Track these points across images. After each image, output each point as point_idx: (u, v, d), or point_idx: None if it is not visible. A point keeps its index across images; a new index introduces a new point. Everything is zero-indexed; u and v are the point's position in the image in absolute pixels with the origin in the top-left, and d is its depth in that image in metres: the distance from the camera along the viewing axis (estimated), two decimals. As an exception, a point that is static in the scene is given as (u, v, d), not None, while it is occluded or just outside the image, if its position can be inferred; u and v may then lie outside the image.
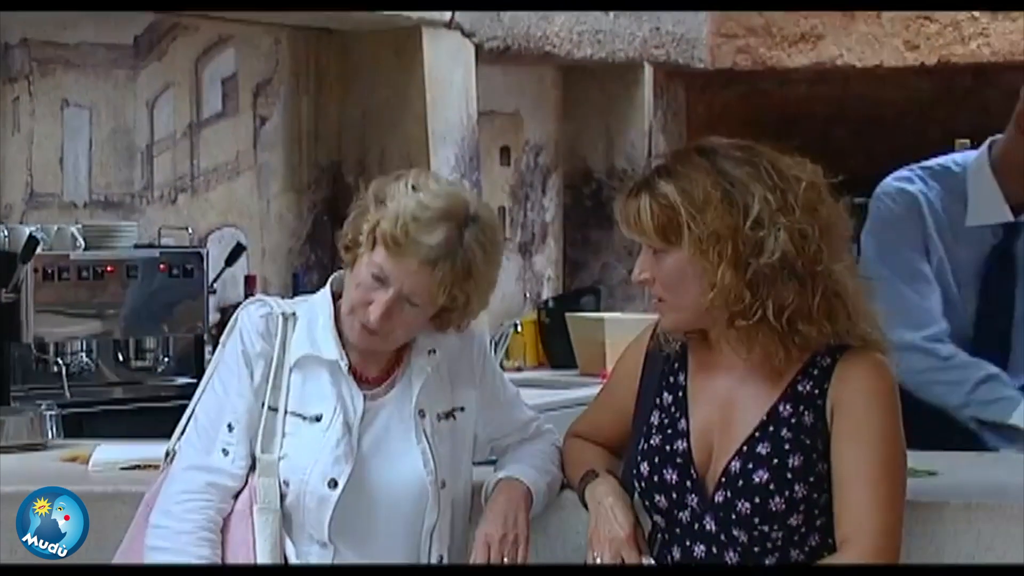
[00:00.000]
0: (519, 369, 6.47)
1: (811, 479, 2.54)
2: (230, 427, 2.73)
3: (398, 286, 2.67)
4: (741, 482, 2.56)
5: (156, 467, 2.97)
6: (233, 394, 2.74)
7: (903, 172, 3.74)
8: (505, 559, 2.72)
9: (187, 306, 4.95)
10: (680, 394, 2.67)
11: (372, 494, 2.72)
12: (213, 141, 5.72)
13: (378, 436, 2.75)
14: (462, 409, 2.82)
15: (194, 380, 4.91)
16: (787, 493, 2.54)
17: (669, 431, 2.65)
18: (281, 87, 5.95)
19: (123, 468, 3.16)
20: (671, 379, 2.69)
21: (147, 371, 4.96)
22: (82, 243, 4.81)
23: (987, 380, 3.57)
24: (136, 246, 4.99)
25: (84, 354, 4.83)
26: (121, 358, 4.94)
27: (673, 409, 2.67)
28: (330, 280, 2.84)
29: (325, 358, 2.75)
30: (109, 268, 4.80)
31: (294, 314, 2.77)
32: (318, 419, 2.73)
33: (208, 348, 4.97)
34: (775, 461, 2.55)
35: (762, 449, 2.57)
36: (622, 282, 7.02)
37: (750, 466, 2.56)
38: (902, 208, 3.67)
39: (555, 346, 6.67)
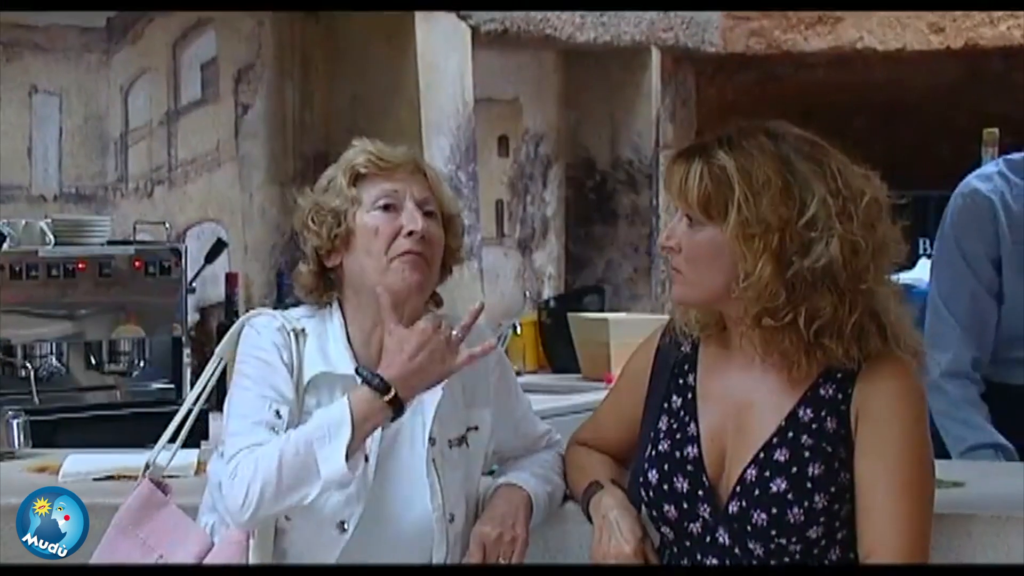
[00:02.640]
0: (518, 373, 6.44)
1: (832, 489, 2.54)
2: (278, 414, 2.65)
3: (410, 191, 2.75)
4: (757, 491, 2.55)
5: (131, 478, 2.96)
6: (280, 380, 2.68)
7: (988, 168, 3.87)
8: (500, 560, 2.71)
9: (164, 306, 4.92)
10: (689, 396, 2.67)
11: (379, 531, 2.70)
12: (192, 130, 5.72)
13: (387, 467, 2.72)
14: (476, 428, 2.81)
15: (171, 385, 4.91)
16: (806, 503, 2.53)
17: (678, 436, 2.64)
18: (264, 72, 5.94)
19: (96, 479, 3.16)
20: (680, 381, 2.69)
21: (121, 375, 4.94)
22: (51, 239, 4.80)
23: (979, 449, 3.68)
24: (109, 242, 4.97)
25: (54, 357, 4.81)
26: (93, 361, 4.92)
27: (682, 413, 2.66)
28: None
29: (339, 373, 2.71)
30: (80, 265, 4.78)
31: (303, 330, 2.75)
32: None
33: (187, 351, 4.95)
34: (794, 469, 2.54)
35: (780, 456, 2.56)
36: (627, 280, 7.00)
37: (767, 474, 2.55)
38: (972, 213, 3.78)
39: (556, 348, 6.66)
